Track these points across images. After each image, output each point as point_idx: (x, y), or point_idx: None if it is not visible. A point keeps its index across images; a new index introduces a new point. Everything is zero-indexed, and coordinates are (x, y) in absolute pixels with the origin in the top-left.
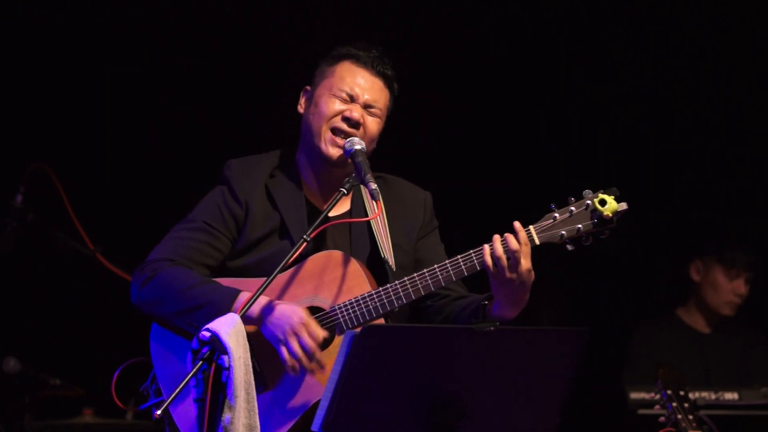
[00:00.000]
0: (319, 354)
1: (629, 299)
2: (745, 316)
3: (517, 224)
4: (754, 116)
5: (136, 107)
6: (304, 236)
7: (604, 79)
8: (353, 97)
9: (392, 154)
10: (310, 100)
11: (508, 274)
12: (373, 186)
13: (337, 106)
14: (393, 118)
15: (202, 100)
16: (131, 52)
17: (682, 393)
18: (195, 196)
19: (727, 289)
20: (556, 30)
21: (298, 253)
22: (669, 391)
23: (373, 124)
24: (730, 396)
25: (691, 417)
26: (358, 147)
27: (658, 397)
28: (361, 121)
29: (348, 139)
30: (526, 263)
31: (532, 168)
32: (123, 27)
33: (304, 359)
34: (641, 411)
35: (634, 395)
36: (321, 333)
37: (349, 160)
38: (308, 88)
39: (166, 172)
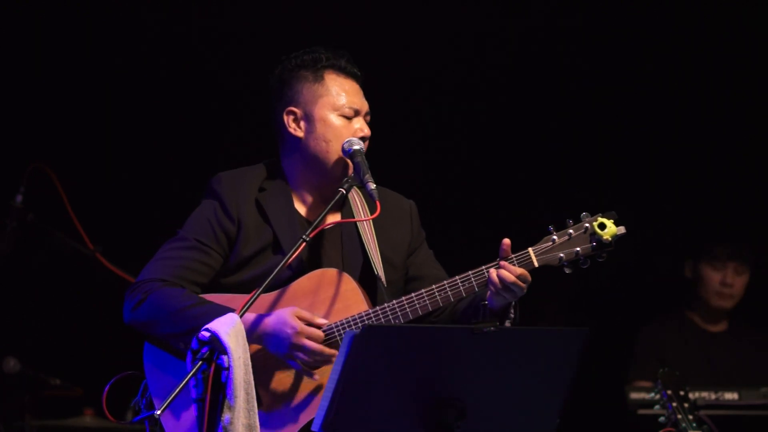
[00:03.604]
0: (327, 350)
1: (630, 299)
2: (754, 318)
3: (503, 252)
4: (748, 118)
5: (136, 107)
6: (303, 236)
7: (599, 80)
8: (357, 111)
9: (389, 162)
10: (307, 122)
11: (508, 297)
12: (372, 186)
13: (349, 125)
14: (395, 126)
15: (203, 100)
16: (131, 51)
17: (682, 393)
18: (194, 196)
19: (715, 280)
20: (550, 30)
21: (297, 253)
22: (669, 391)
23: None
24: (730, 396)
25: (691, 417)
26: (356, 147)
27: (658, 397)
28: (368, 135)
29: (347, 140)
30: (524, 286)
31: (527, 167)
32: (123, 27)
33: (316, 362)
34: (641, 411)
35: (634, 395)
36: (318, 332)
37: (348, 161)
38: (294, 109)
39: (166, 172)
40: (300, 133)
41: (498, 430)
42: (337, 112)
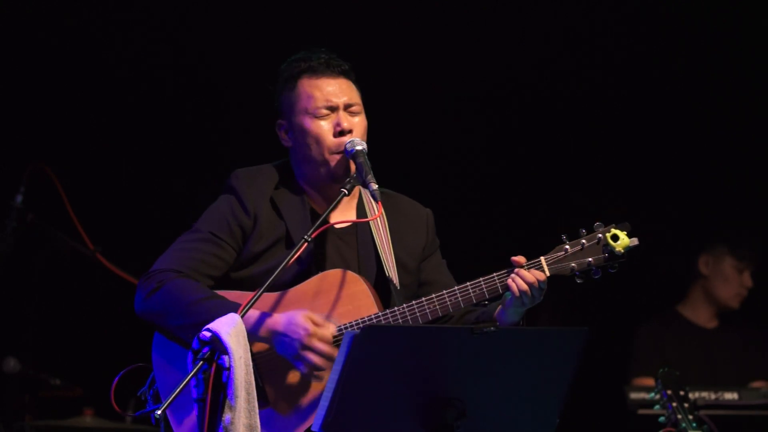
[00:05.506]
0: (336, 352)
1: (628, 299)
2: (753, 313)
3: (516, 263)
4: (747, 114)
5: (137, 107)
6: (305, 236)
7: (604, 72)
8: (332, 107)
9: (403, 170)
10: (292, 132)
11: (526, 300)
12: (374, 186)
13: (325, 124)
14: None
15: (203, 101)
16: (132, 52)
17: (682, 393)
18: (194, 197)
19: (737, 282)
20: (551, 32)
21: (298, 254)
22: (669, 391)
23: (360, 123)
24: (730, 396)
25: (691, 417)
26: (359, 147)
27: (658, 397)
28: (351, 127)
29: (349, 140)
30: (543, 290)
31: (539, 175)
32: (124, 27)
33: (326, 364)
34: (641, 411)
35: (634, 395)
36: (329, 332)
37: (339, 157)
38: (281, 122)
39: (165, 171)
40: (290, 143)
41: (498, 429)
42: (310, 115)
